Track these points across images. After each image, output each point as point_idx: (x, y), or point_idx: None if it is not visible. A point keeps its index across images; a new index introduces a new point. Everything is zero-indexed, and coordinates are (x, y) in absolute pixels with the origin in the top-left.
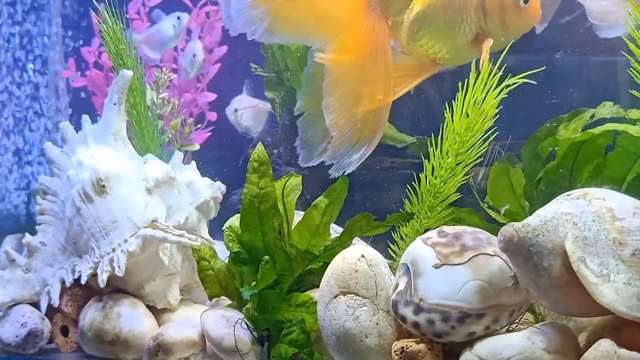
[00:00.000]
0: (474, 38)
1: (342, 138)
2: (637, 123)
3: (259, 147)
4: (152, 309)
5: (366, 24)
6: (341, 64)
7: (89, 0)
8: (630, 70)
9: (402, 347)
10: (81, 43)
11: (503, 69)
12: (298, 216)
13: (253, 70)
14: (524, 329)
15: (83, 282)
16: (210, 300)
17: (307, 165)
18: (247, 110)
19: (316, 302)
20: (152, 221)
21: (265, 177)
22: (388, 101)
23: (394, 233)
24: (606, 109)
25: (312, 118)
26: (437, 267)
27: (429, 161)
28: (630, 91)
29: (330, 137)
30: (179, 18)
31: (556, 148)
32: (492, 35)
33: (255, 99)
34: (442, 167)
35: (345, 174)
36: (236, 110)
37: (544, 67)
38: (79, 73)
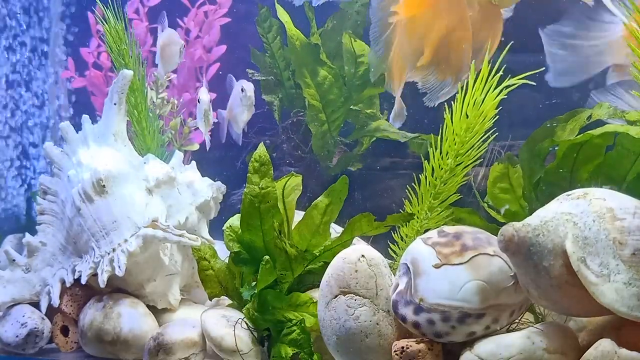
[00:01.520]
0: None
1: (427, 78)
2: (637, 124)
3: (261, 148)
4: (152, 309)
5: None
6: (416, 18)
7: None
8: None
9: (403, 347)
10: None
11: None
12: (298, 216)
13: (250, 75)
14: (524, 328)
15: (83, 282)
16: (211, 300)
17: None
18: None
19: (316, 302)
20: (153, 221)
21: (266, 177)
22: (468, 36)
23: (394, 233)
24: (602, 109)
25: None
26: (437, 267)
27: (428, 162)
28: (631, 92)
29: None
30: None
31: (556, 148)
32: None
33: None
34: (442, 168)
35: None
36: (242, 90)
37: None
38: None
